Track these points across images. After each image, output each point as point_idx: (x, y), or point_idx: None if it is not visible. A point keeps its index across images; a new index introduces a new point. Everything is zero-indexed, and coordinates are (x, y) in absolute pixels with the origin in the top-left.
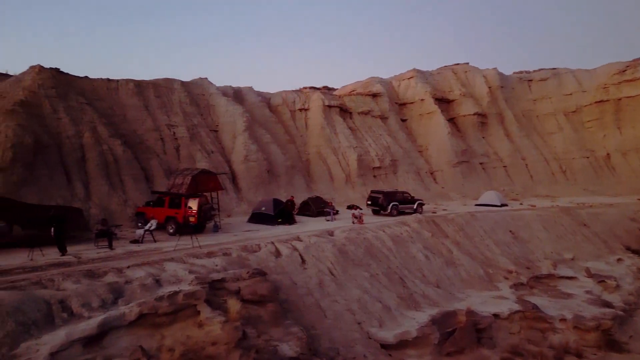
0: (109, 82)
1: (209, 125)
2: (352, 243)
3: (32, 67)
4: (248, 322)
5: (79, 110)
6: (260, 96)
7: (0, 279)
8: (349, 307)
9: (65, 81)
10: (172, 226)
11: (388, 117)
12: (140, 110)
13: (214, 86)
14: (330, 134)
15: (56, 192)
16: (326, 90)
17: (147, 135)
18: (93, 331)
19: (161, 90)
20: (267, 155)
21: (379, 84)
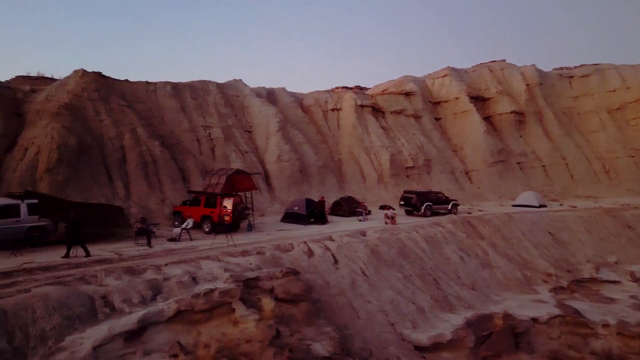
0: (147, 84)
1: (243, 126)
2: (385, 243)
3: (76, 72)
4: (281, 321)
5: (119, 112)
6: (293, 97)
7: (47, 274)
8: (382, 307)
9: (107, 84)
10: (208, 225)
11: (421, 116)
12: (177, 111)
13: (248, 87)
14: (362, 134)
15: (98, 191)
16: (358, 89)
17: (184, 136)
18: (133, 326)
19: (197, 92)
20: (299, 155)
21: (412, 82)
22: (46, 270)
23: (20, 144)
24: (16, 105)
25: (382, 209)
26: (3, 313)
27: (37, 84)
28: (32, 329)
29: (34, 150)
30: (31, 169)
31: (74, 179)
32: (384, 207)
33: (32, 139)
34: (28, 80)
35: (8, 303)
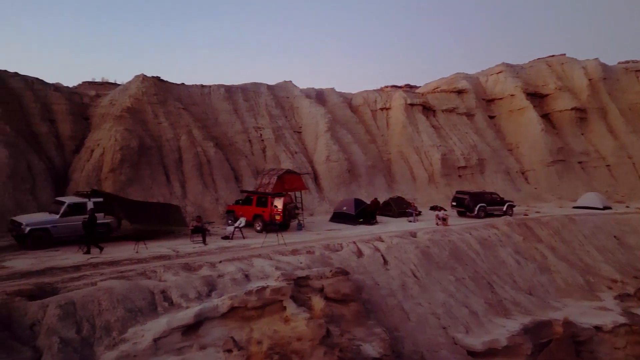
0: (202, 87)
1: (293, 126)
2: (436, 245)
3: (137, 76)
4: (331, 320)
5: (176, 114)
6: (342, 97)
7: (112, 268)
8: (433, 310)
9: (165, 88)
10: (259, 224)
11: (474, 114)
12: (230, 113)
13: (298, 89)
14: (412, 133)
15: (157, 191)
16: (408, 88)
17: (237, 137)
18: (190, 320)
19: (249, 94)
20: (348, 155)
21: (465, 80)
22: (110, 265)
23: (86, 145)
24: (83, 109)
25: (433, 209)
26: (72, 304)
27: (102, 88)
28: (98, 320)
29: (99, 152)
30: (97, 169)
31: (135, 178)
32: (435, 208)
33: (98, 141)
34: (93, 85)
35: (77, 295)
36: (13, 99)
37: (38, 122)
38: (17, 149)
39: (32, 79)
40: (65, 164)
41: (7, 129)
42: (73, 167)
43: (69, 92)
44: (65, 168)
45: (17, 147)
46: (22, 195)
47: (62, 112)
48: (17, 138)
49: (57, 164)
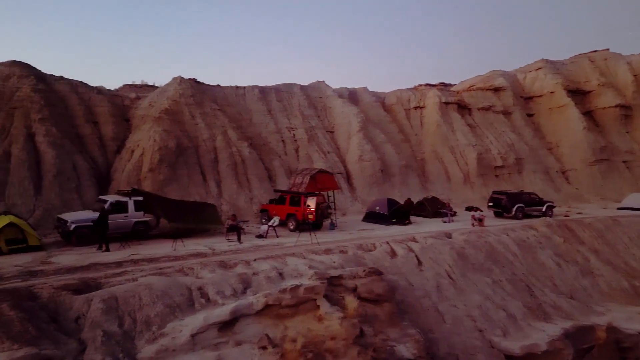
0: (237, 89)
1: (326, 126)
2: (472, 246)
3: (175, 79)
4: (365, 320)
5: (212, 115)
6: (375, 96)
7: (151, 265)
8: (469, 312)
9: (201, 90)
10: (293, 223)
11: (512, 113)
12: (264, 114)
13: (330, 88)
14: (447, 132)
15: (194, 190)
16: (442, 86)
17: (270, 137)
18: (226, 317)
19: (282, 95)
20: (381, 155)
21: (502, 77)
22: (150, 262)
23: (127, 146)
24: (124, 111)
25: (468, 210)
26: (114, 299)
27: (142, 91)
28: (139, 315)
29: (139, 152)
30: (137, 169)
31: (173, 178)
32: (470, 209)
33: (138, 142)
34: (134, 88)
35: (119, 290)
36: (59, 102)
37: (82, 124)
38: (63, 150)
39: (77, 82)
40: (107, 163)
41: (53, 131)
42: (115, 167)
43: (111, 94)
44: (108, 168)
45: (63, 148)
46: (67, 194)
47: (105, 114)
48: (63, 139)
49: (100, 164)
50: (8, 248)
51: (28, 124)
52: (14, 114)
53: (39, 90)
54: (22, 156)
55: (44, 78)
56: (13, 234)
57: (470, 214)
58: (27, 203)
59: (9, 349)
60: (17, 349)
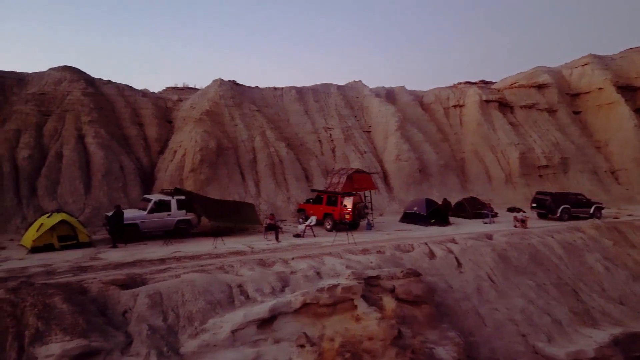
0: (275, 90)
1: (362, 126)
2: (515, 248)
3: (215, 81)
4: (403, 322)
5: (251, 116)
6: (413, 95)
7: (193, 262)
8: (511, 316)
9: (240, 91)
10: (329, 222)
11: (557, 110)
12: (301, 114)
13: (367, 88)
14: (487, 131)
15: (233, 189)
16: (483, 84)
17: (307, 137)
18: (265, 314)
19: (319, 95)
20: (418, 155)
21: (546, 73)
22: (192, 259)
23: (170, 147)
24: (167, 113)
25: (510, 211)
26: (159, 295)
27: (184, 93)
28: (182, 310)
29: (181, 153)
30: (179, 169)
31: (213, 178)
32: (512, 210)
33: (180, 143)
34: (176, 90)
35: (163, 286)
36: (107, 104)
37: (128, 125)
38: (110, 150)
39: (123, 86)
40: (151, 164)
41: (102, 132)
42: (158, 167)
43: (155, 97)
44: (152, 168)
45: (111, 149)
46: (115, 193)
47: (149, 116)
48: (110, 140)
49: (144, 164)
50: (60, 244)
51: (78, 126)
52: (65, 117)
53: (88, 93)
54: (73, 157)
55: (93, 82)
56: (65, 231)
57: (513, 215)
58: (78, 201)
59: (61, 340)
60: (69, 340)
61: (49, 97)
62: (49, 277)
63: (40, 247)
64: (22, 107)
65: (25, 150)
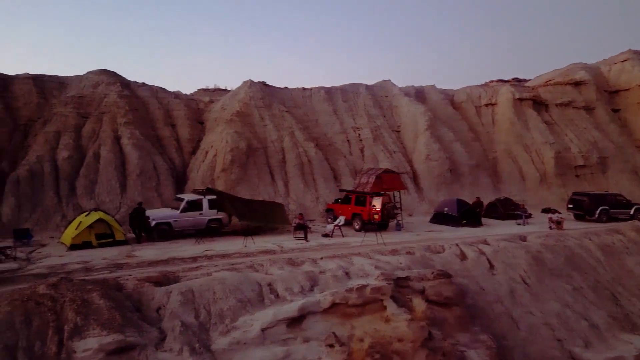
0: (303, 90)
1: (391, 125)
2: (550, 251)
3: (245, 82)
4: (433, 323)
5: (280, 117)
6: (443, 94)
7: (224, 261)
8: (546, 320)
9: (270, 92)
10: (358, 223)
11: (594, 108)
12: (329, 114)
13: (397, 87)
14: (521, 130)
15: (263, 189)
16: (516, 82)
17: (336, 137)
18: (294, 313)
19: (348, 95)
20: (449, 154)
21: (583, 70)
22: (223, 257)
23: (201, 147)
24: (199, 114)
25: (545, 212)
26: (191, 292)
27: (215, 95)
28: (213, 308)
29: (212, 153)
30: (210, 169)
31: (243, 178)
32: (547, 211)
33: (211, 143)
34: (207, 92)
35: (195, 284)
36: (141, 106)
37: (161, 126)
38: (145, 151)
39: (157, 88)
40: (184, 164)
41: (136, 133)
42: (190, 167)
43: (187, 99)
44: (184, 168)
45: (145, 149)
46: (148, 192)
47: (181, 117)
48: (145, 141)
49: (177, 164)
50: (98, 242)
51: (114, 127)
52: (102, 119)
53: (124, 96)
54: (110, 157)
55: (128, 85)
56: (102, 229)
57: (548, 216)
58: (114, 200)
59: (98, 334)
60: (106, 335)
61: (87, 99)
62: (87, 273)
63: (79, 244)
64: (62, 109)
65: (65, 151)
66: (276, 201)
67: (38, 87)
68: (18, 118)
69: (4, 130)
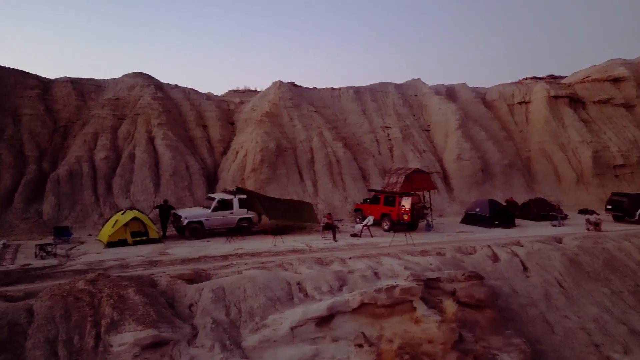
0: (332, 90)
1: (421, 125)
2: (587, 253)
3: (274, 83)
4: (464, 326)
5: (309, 117)
6: (475, 92)
7: (253, 259)
8: (583, 325)
9: (299, 93)
10: (387, 223)
11: (635, 105)
12: (358, 114)
13: (427, 86)
14: (556, 128)
15: (292, 189)
16: (551, 79)
17: (364, 137)
18: (323, 313)
19: (377, 95)
20: (481, 154)
21: (623, 66)
22: (252, 256)
23: (232, 148)
24: (229, 115)
25: (582, 213)
26: (222, 290)
27: (245, 95)
28: (244, 305)
29: (242, 153)
30: (240, 169)
31: (273, 177)
32: (584, 212)
33: (241, 144)
34: (238, 93)
35: (226, 282)
36: (174, 108)
37: (193, 127)
38: (177, 151)
39: (189, 89)
40: (215, 164)
41: (170, 134)
42: (221, 167)
43: (218, 100)
44: (215, 168)
45: (178, 150)
46: (181, 191)
47: (213, 118)
48: (177, 142)
49: (208, 164)
50: (133, 240)
51: (149, 128)
52: (137, 120)
53: (157, 98)
54: (144, 158)
55: (161, 87)
56: (137, 227)
57: (585, 217)
58: (148, 200)
59: (134, 329)
60: (141, 330)
61: (122, 101)
62: (123, 270)
63: (115, 242)
64: (99, 111)
65: (102, 152)
66: (305, 201)
67: (77, 90)
68: (58, 120)
69: (45, 131)
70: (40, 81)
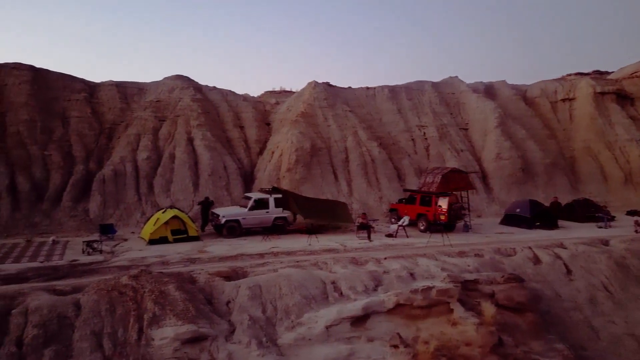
0: (367, 89)
1: (459, 123)
2: (636, 256)
3: (309, 83)
4: (504, 329)
5: (343, 117)
6: (515, 89)
7: (289, 258)
8: (631, 331)
9: (333, 92)
10: (423, 223)
11: None
12: (394, 113)
13: (464, 84)
14: (603, 126)
15: (326, 188)
16: (597, 75)
17: (400, 136)
18: (358, 312)
19: (412, 93)
20: (521, 153)
21: None
22: (288, 255)
23: (268, 148)
24: (265, 116)
25: (630, 214)
26: (258, 287)
27: (280, 96)
28: (279, 303)
29: (278, 153)
30: (276, 168)
31: (307, 177)
32: (633, 213)
33: (277, 144)
34: (273, 94)
35: (262, 279)
36: (212, 109)
37: (231, 128)
38: (216, 152)
39: (227, 91)
40: (251, 164)
41: (208, 135)
42: (257, 166)
43: (254, 101)
44: (252, 167)
45: (216, 150)
46: (219, 191)
47: (249, 119)
48: (215, 142)
49: (245, 164)
50: (173, 238)
51: (188, 129)
52: (177, 121)
53: (196, 99)
54: (184, 158)
55: (200, 89)
56: (177, 225)
57: (634, 219)
58: (187, 199)
59: (174, 324)
60: (181, 325)
61: (163, 103)
62: (164, 266)
63: (156, 239)
64: (141, 113)
65: (144, 152)
66: (339, 200)
67: (120, 92)
68: (103, 122)
69: (91, 133)
70: (86, 85)
